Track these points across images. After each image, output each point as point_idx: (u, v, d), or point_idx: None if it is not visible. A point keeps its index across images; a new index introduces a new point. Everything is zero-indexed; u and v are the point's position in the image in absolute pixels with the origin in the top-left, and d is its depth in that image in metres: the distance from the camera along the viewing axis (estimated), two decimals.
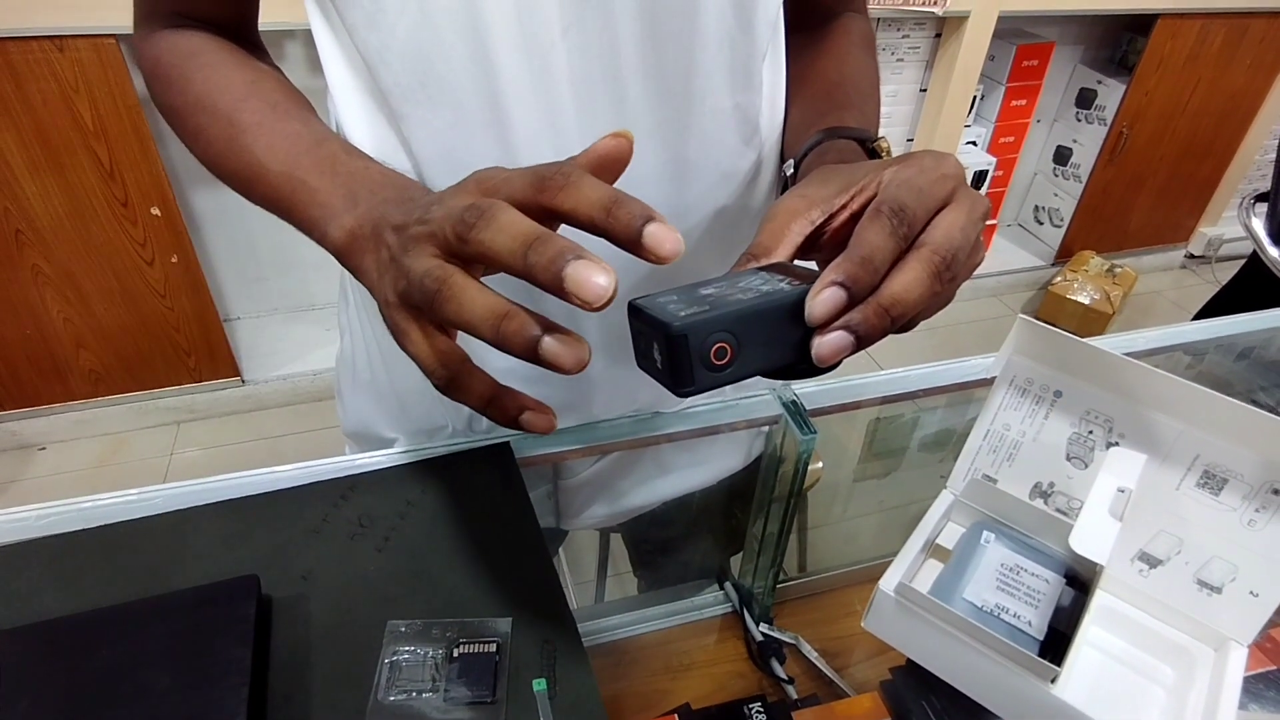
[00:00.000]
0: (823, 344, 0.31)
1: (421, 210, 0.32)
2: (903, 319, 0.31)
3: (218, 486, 0.45)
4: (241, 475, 0.46)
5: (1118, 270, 2.45)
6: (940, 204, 0.33)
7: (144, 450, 1.88)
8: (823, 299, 0.30)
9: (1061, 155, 2.59)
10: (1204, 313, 1.41)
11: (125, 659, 0.35)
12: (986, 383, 0.47)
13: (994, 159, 2.38)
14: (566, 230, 0.31)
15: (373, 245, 0.35)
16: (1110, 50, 2.49)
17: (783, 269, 0.34)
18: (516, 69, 0.43)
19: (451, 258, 0.31)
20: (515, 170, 0.31)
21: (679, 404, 0.56)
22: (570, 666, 0.38)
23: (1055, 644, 0.42)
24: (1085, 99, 2.46)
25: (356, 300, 0.60)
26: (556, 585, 0.42)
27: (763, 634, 0.57)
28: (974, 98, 2.26)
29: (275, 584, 0.40)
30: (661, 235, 0.27)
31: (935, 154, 0.34)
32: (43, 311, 1.69)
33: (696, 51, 0.45)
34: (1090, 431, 0.44)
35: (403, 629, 0.39)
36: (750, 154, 0.52)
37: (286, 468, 0.47)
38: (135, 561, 0.41)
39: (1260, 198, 1.31)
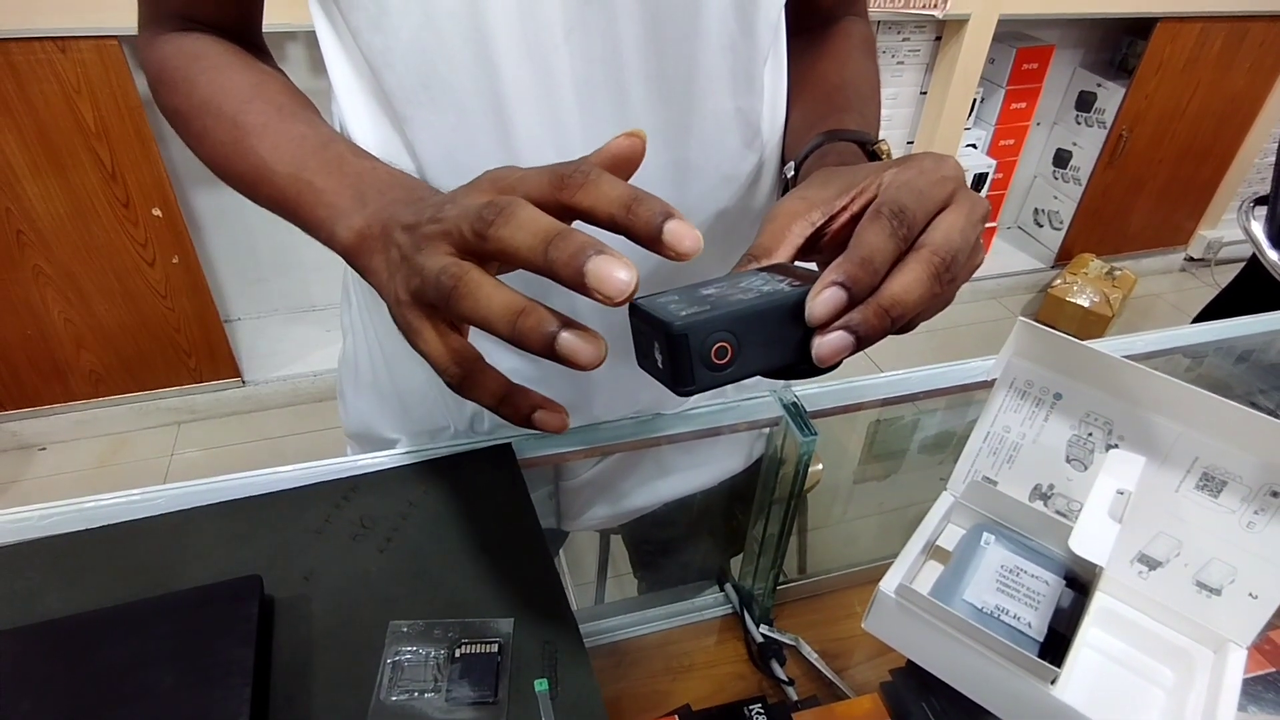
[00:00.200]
0: (823, 344, 0.31)
1: (434, 209, 0.32)
2: (903, 319, 0.31)
3: (220, 487, 0.45)
4: (244, 476, 0.46)
5: (1117, 273, 2.45)
6: (940, 206, 0.33)
7: (144, 451, 1.88)
8: (823, 299, 0.30)
9: (1061, 158, 2.59)
10: (1203, 315, 1.41)
11: (128, 659, 0.36)
12: (986, 385, 0.47)
13: (994, 162, 2.38)
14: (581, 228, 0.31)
15: (382, 245, 0.35)
16: (1110, 53, 2.49)
17: (783, 270, 0.34)
18: (519, 72, 0.43)
19: (466, 255, 0.31)
20: (531, 169, 0.31)
21: (680, 406, 0.56)
22: (571, 667, 0.38)
23: (1055, 645, 0.42)
24: (1085, 102, 2.46)
25: (359, 301, 0.60)
26: (558, 586, 0.42)
27: (763, 635, 0.58)
28: (974, 100, 2.26)
29: (277, 584, 0.40)
30: (681, 232, 0.27)
31: (935, 156, 0.35)
32: (44, 312, 1.69)
33: (698, 55, 0.45)
34: (1090, 434, 0.44)
35: (405, 629, 0.39)
36: (751, 157, 0.52)
37: (288, 468, 0.47)
38: (138, 562, 0.41)
39: (1260, 201, 1.31)
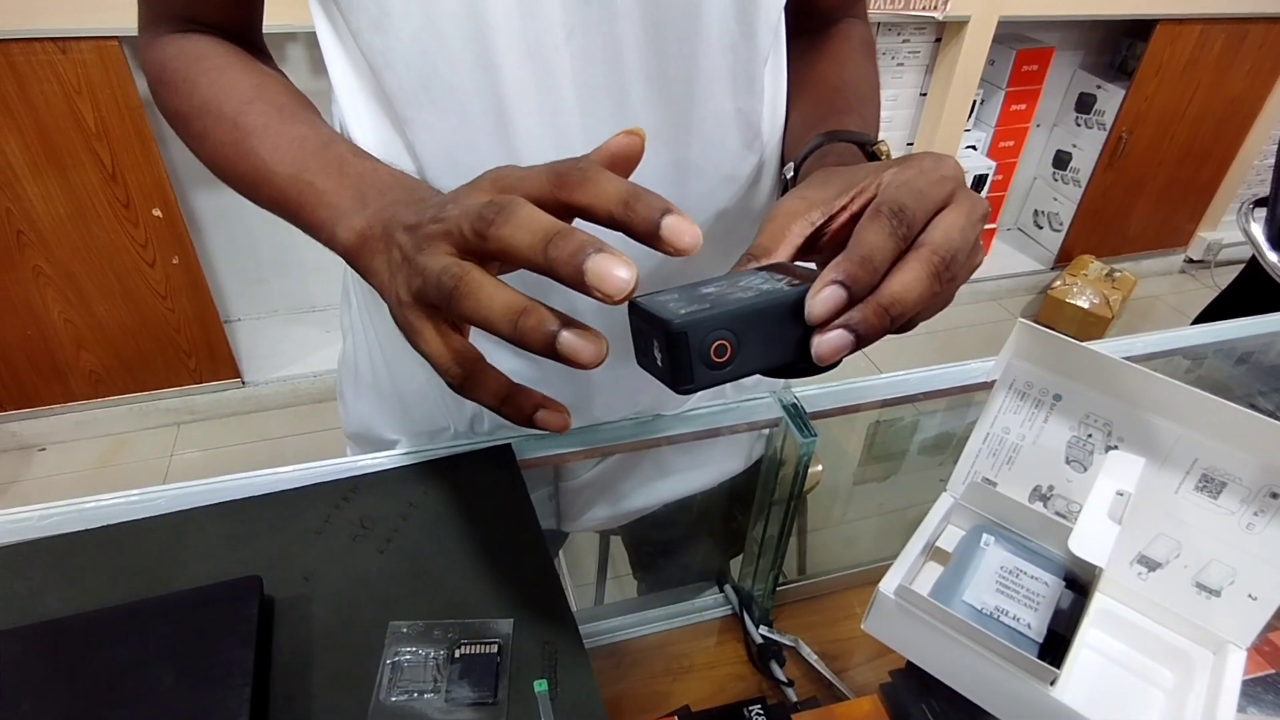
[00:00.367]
0: (822, 343, 0.31)
1: (435, 209, 0.32)
2: (902, 318, 0.31)
3: (220, 487, 0.45)
4: (244, 476, 0.46)
5: (1117, 274, 2.46)
6: (940, 205, 0.33)
7: (144, 451, 1.87)
8: (822, 298, 0.30)
9: (1061, 160, 2.59)
10: (1203, 317, 1.41)
11: (128, 659, 0.36)
12: (986, 386, 0.47)
13: (994, 163, 2.39)
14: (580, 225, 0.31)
15: (383, 245, 0.35)
16: (1110, 55, 2.49)
17: (783, 269, 0.34)
18: (520, 73, 0.43)
19: (467, 255, 0.31)
20: (530, 168, 0.31)
21: (680, 406, 0.56)
22: (571, 668, 0.38)
23: (1054, 646, 0.42)
24: (1085, 104, 2.46)
25: (359, 302, 0.60)
26: (557, 586, 0.42)
27: (763, 636, 0.58)
28: (974, 102, 2.27)
29: (277, 585, 0.40)
30: (680, 228, 0.27)
31: (935, 156, 0.35)
32: (44, 312, 1.69)
33: (699, 56, 0.45)
34: (1089, 435, 0.44)
35: (404, 630, 0.39)
36: (752, 158, 0.52)
37: (288, 469, 0.47)
38: (138, 562, 0.41)
39: (1259, 202, 1.32)
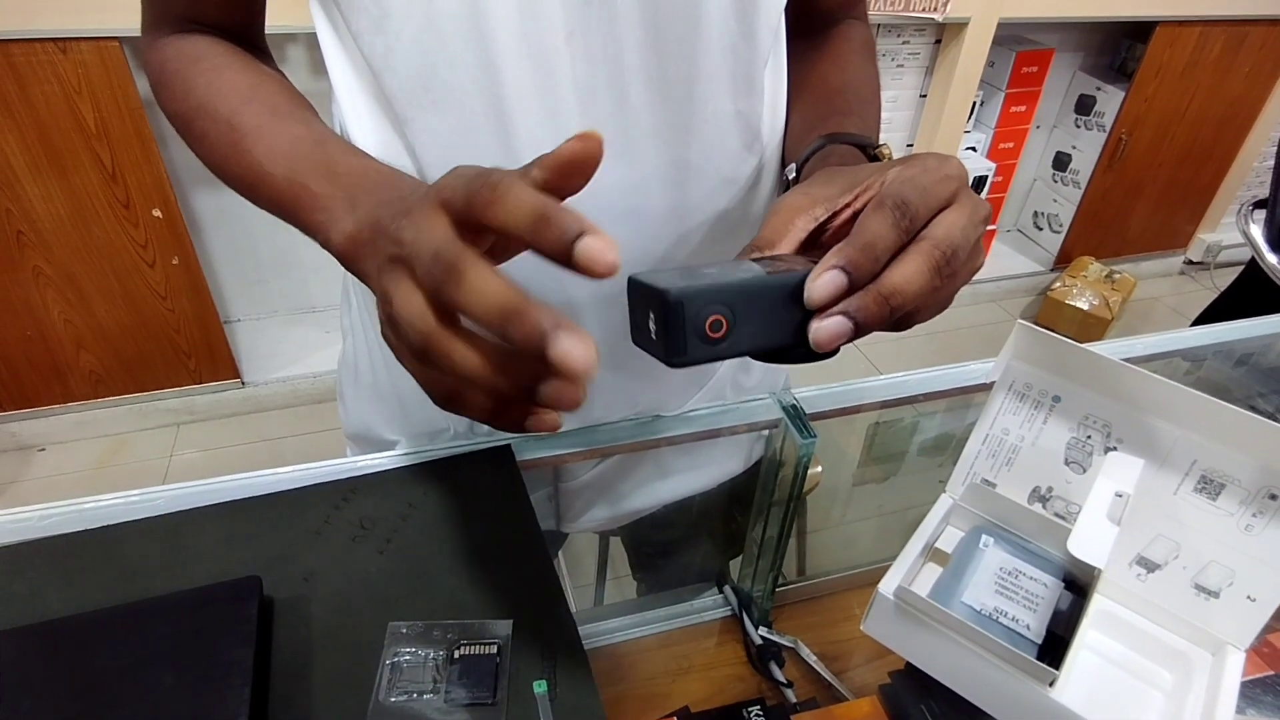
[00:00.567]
0: (820, 329, 0.31)
1: (395, 230, 0.31)
2: (901, 310, 0.31)
3: (220, 488, 0.45)
4: (243, 477, 0.46)
5: (1116, 276, 2.46)
6: (943, 203, 0.33)
7: (144, 452, 1.87)
8: (822, 282, 0.30)
9: (1061, 161, 2.59)
10: (1202, 319, 1.41)
11: (127, 659, 0.36)
12: (985, 388, 0.47)
13: (993, 164, 2.39)
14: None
15: (372, 251, 0.35)
16: (1109, 57, 2.49)
17: (784, 261, 0.34)
18: (520, 74, 0.43)
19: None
20: (462, 179, 0.29)
21: (679, 407, 0.56)
22: (570, 669, 0.38)
23: (1053, 648, 0.42)
24: (1084, 105, 2.46)
25: (359, 303, 0.60)
26: (557, 587, 0.42)
27: (762, 637, 0.57)
28: (974, 103, 2.27)
29: (277, 585, 0.40)
30: (596, 249, 0.25)
31: (939, 155, 0.35)
32: (43, 312, 1.69)
33: (699, 57, 0.45)
34: (1089, 436, 0.45)
35: (404, 630, 0.39)
36: (752, 159, 0.52)
37: (288, 469, 0.47)
38: (137, 562, 0.41)
39: (1259, 204, 1.32)
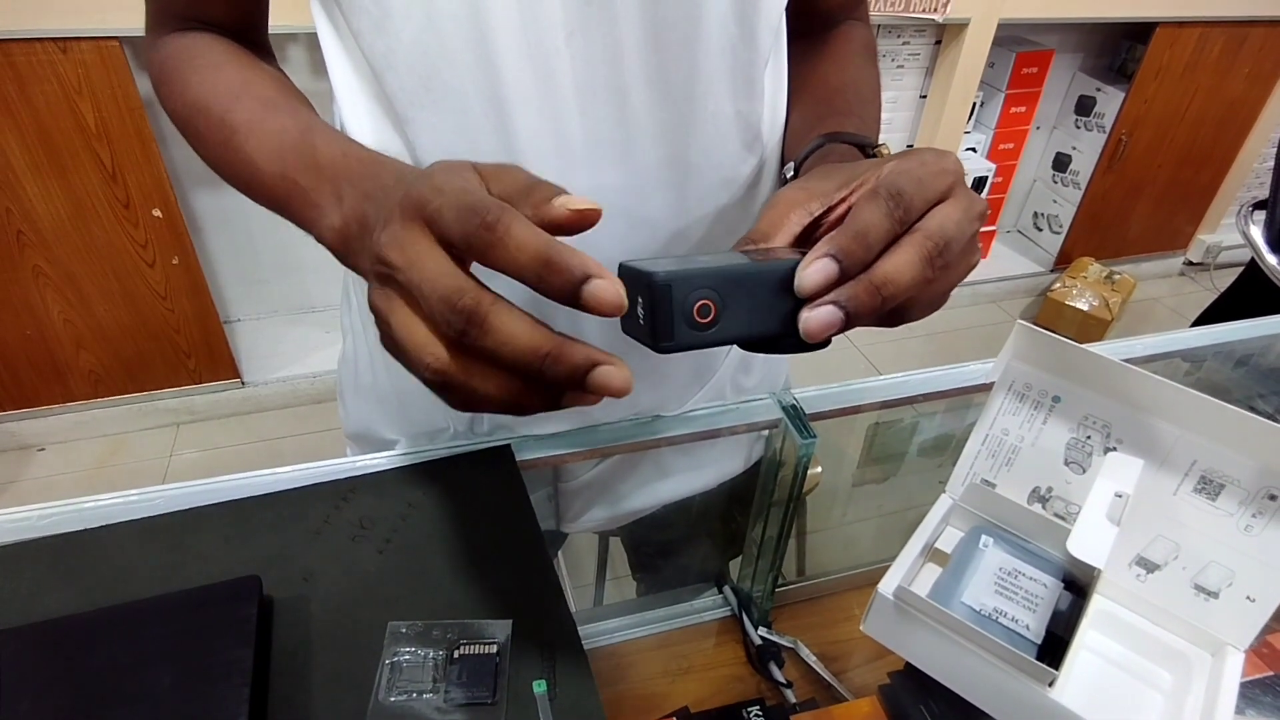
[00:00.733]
0: (811, 318, 0.30)
1: (378, 244, 0.30)
2: (893, 300, 0.31)
3: (220, 487, 0.45)
4: (243, 476, 0.46)
5: (1116, 277, 2.46)
6: (939, 197, 0.33)
7: (143, 451, 1.87)
8: (813, 270, 0.30)
9: (1061, 162, 2.59)
10: (1202, 319, 1.41)
11: (126, 659, 0.36)
12: (985, 388, 0.47)
13: (993, 165, 2.39)
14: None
15: (360, 248, 0.34)
16: (1109, 58, 2.50)
17: (779, 253, 0.34)
18: (521, 74, 0.43)
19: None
20: (449, 203, 0.28)
21: (679, 407, 0.56)
22: (570, 669, 0.38)
23: (1053, 648, 0.42)
24: (1084, 106, 2.46)
25: (359, 303, 0.60)
26: (556, 587, 0.42)
27: (761, 638, 0.57)
28: (974, 104, 2.27)
29: (276, 585, 0.40)
30: (604, 292, 0.26)
31: (936, 150, 0.35)
32: (43, 312, 1.69)
33: (699, 58, 0.45)
34: (1088, 436, 0.45)
35: (403, 630, 0.39)
36: (752, 160, 0.52)
37: (288, 469, 0.47)
38: (137, 562, 0.41)
39: (1259, 205, 1.32)
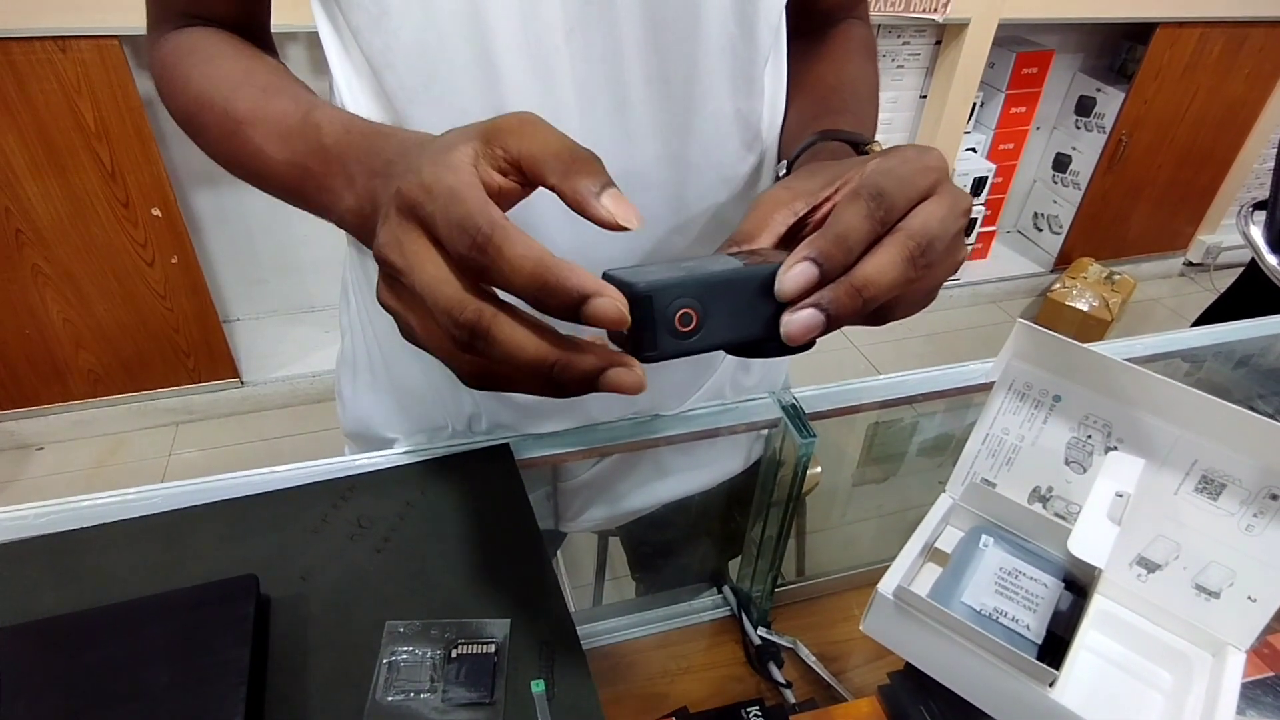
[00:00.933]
0: (792, 321, 0.30)
1: (380, 243, 0.30)
2: (875, 302, 0.31)
3: (217, 486, 0.45)
4: (241, 475, 0.46)
5: (1116, 277, 2.46)
6: (922, 195, 0.32)
7: (142, 451, 1.87)
8: (793, 274, 0.30)
9: (1061, 162, 2.59)
10: (1202, 320, 1.41)
11: (123, 658, 0.35)
12: (985, 388, 0.47)
13: (993, 166, 2.39)
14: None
15: (376, 222, 0.34)
16: (1110, 58, 2.49)
17: (762, 255, 0.34)
18: (520, 72, 0.43)
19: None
20: (436, 209, 0.28)
21: (678, 407, 0.56)
22: (568, 668, 0.38)
23: (1053, 648, 0.42)
24: (1084, 106, 2.46)
25: (358, 301, 0.60)
26: (555, 587, 0.42)
27: (761, 638, 0.57)
28: (974, 104, 2.27)
29: (274, 584, 0.40)
30: (605, 309, 0.27)
31: (919, 147, 0.34)
32: (42, 312, 1.69)
33: (699, 57, 0.45)
34: (1089, 436, 0.44)
35: (401, 629, 0.39)
36: (751, 158, 0.52)
37: (286, 468, 0.47)
38: (134, 560, 0.41)
39: (1259, 206, 1.32)
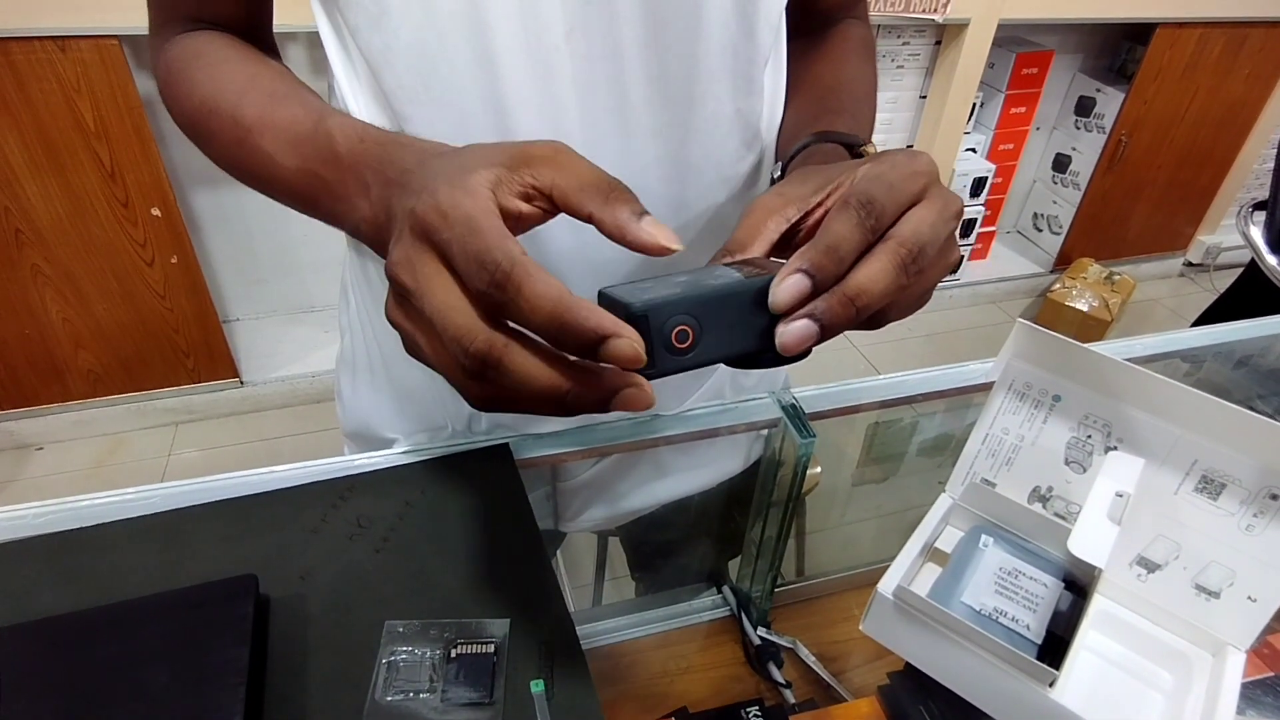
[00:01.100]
0: (786, 332, 0.31)
1: (392, 264, 0.30)
2: (868, 310, 0.31)
3: (216, 486, 0.45)
4: (240, 475, 0.46)
5: (1116, 278, 2.46)
6: (912, 200, 0.33)
7: (142, 451, 1.87)
8: (786, 286, 0.30)
9: (1060, 163, 2.59)
10: (1202, 320, 1.41)
11: (122, 657, 0.35)
12: (985, 388, 0.47)
13: (993, 166, 2.39)
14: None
15: (391, 234, 0.34)
16: (1109, 59, 2.50)
17: (757, 264, 0.34)
18: (520, 71, 0.43)
19: None
20: (452, 238, 0.28)
21: (678, 407, 0.56)
22: (568, 668, 0.38)
23: (1053, 648, 0.42)
24: (1084, 107, 2.46)
25: (358, 301, 0.60)
26: (554, 586, 0.42)
27: (760, 638, 0.57)
28: (974, 105, 2.27)
29: (273, 584, 0.40)
30: (622, 351, 0.27)
31: (909, 151, 0.35)
32: (42, 311, 1.69)
33: (699, 56, 0.45)
34: (1089, 436, 0.44)
35: (400, 629, 0.39)
36: (750, 157, 0.52)
37: (285, 467, 0.47)
38: (133, 560, 0.41)
39: (1258, 206, 1.32)
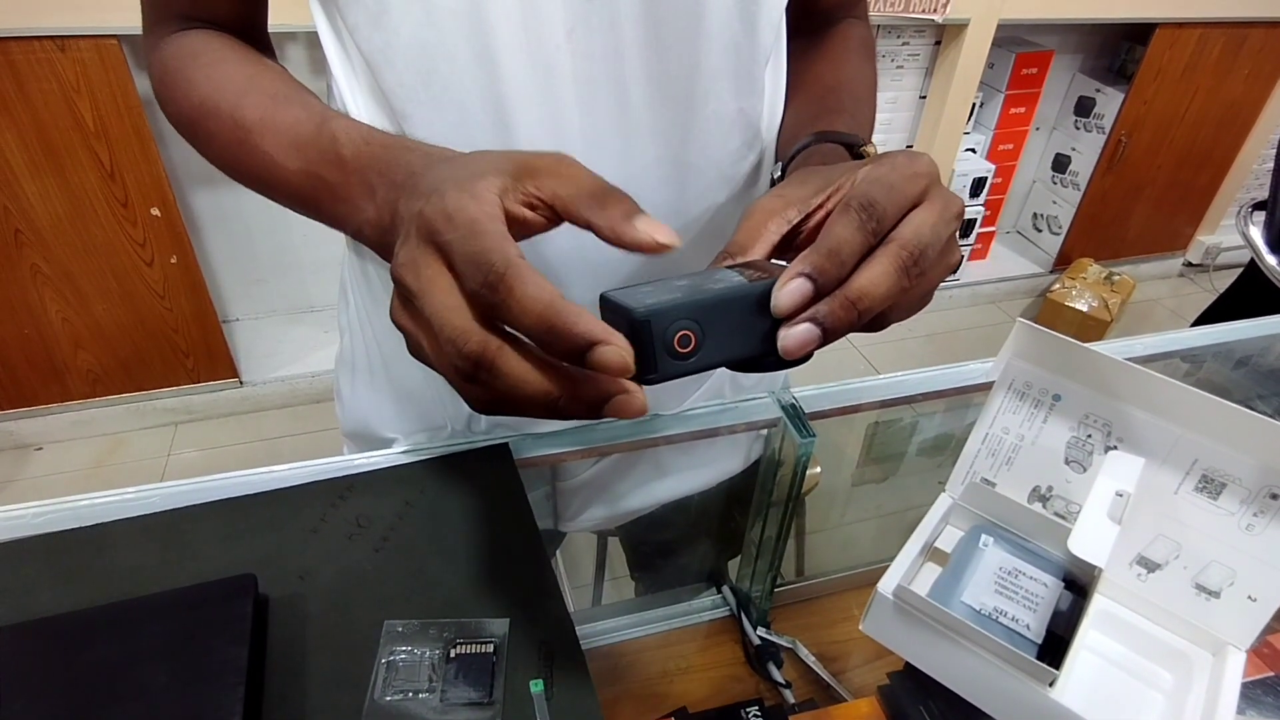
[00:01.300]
0: (788, 336, 0.31)
1: (397, 267, 0.31)
2: (870, 313, 0.31)
3: (215, 486, 0.45)
4: (239, 474, 0.46)
5: (1116, 278, 2.46)
6: (912, 202, 0.33)
7: (141, 451, 1.87)
8: (788, 290, 0.30)
9: (1060, 163, 2.59)
10: (1202, 320, 1.41)
11: (121, 657, 0.35)
12: (985, 388, 0.47)
13: (993, 166, 2.39)
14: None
15: (396, 236, 0.34)
16: (1109, 59, 2.50)
17: (758, 266, 0.34)
18: (520, 70, 0.43)
19: None
20: (455, 239, 0.29)
21: (678, 406, 0.56)
22: (567, 668, 0.38)
23: (1053, 648, 0.42)
24: (1084, 107, 2.46)
25: (357, 301, 0.60)
26: (554, 586, 0.42)
27: (760, 638, 0.57)
28: (973, 105, 2.26)
29: (272, 583, 0.40)
30: (610, 359, 0.27)
31: (909, 153, 0.35)
32: (41, 311, 1.69)
33: (700, 56, 0.45)
34: (1089, 435, 0.44)
35: (400, 629, 0.39)
36: (751, 157, 0.52)
37: (285, 467, 0.47)
38: (132, 560, 0.41)
39: (1258, 206, 1.32)
